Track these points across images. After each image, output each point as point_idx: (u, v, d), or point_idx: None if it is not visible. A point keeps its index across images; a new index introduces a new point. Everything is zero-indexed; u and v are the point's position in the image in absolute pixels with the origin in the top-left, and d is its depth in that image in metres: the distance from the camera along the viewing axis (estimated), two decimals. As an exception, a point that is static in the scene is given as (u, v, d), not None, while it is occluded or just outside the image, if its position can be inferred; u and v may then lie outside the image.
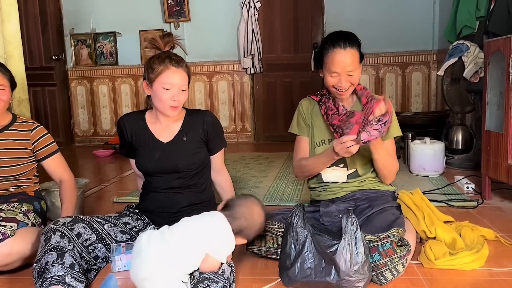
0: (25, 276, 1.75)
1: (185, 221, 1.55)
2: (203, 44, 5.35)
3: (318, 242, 1.54)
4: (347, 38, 1.77)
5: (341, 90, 1.81)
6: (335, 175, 1.93)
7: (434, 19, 4.98)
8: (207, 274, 1.44)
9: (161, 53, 1.82)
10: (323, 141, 1.95)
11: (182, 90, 1.80)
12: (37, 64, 5.47)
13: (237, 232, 1.55)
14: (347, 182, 1.93)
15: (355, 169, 1.92)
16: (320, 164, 1.90)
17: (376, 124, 1.66)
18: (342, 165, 1.92)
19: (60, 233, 1.60)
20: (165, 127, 1.90)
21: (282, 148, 4.57)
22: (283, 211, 1.89)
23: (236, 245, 1.56)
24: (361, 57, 1.83)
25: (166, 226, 1.54)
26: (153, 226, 1.72)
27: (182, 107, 1.90)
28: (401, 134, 1.96)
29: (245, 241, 1.63)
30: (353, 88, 1.85)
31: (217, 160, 2.01)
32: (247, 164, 4.02)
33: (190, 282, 1.48)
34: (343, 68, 1.76)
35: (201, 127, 1.90)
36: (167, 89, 1.76)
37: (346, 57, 1.76)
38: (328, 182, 1.95)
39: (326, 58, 1.79)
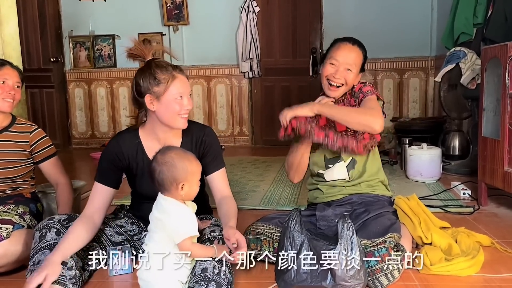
0: (19, 278, 1.74)
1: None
2: (201, 48, 5.36)
3: (314, 247, 1.54)
4: (357, 40, 1.90)
5: (332, 84, 1.85)
6: (336, 172, 1.92)
7: (432, 26, 5.00)
8: (204, 274, 1.43)
9: (155, 62, 1.67)
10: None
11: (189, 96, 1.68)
12: (35, 66, 5.45)
13: (171, 188, 1.45)
14: (349, 180, 1.91)
15: (351, 158, 1.90)
16: (293, 148, 1.95)
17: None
18: (339, 161, 1.91)
19: (55, 230, 1.59)
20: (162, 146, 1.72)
21: (280, 152, 4.52)
22: (279, 215, 1.92)
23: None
24: (363, 66, 1.91)
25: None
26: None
27: None
28: None
29: (193, 188, 1.48)
30: (344, 90, 1.88)
31: (216, 183, 1.76)
32: (244, 167, 4.02)
33: (188, 282, 1.47)
34: (344, 58, 1.84)
35: (196, 145, 1.75)
36: (180, 99, 1.61)
37: (350, 51, 1.86)
38: (330, 181, 1.94)
39: (332, 48, 1.89)
